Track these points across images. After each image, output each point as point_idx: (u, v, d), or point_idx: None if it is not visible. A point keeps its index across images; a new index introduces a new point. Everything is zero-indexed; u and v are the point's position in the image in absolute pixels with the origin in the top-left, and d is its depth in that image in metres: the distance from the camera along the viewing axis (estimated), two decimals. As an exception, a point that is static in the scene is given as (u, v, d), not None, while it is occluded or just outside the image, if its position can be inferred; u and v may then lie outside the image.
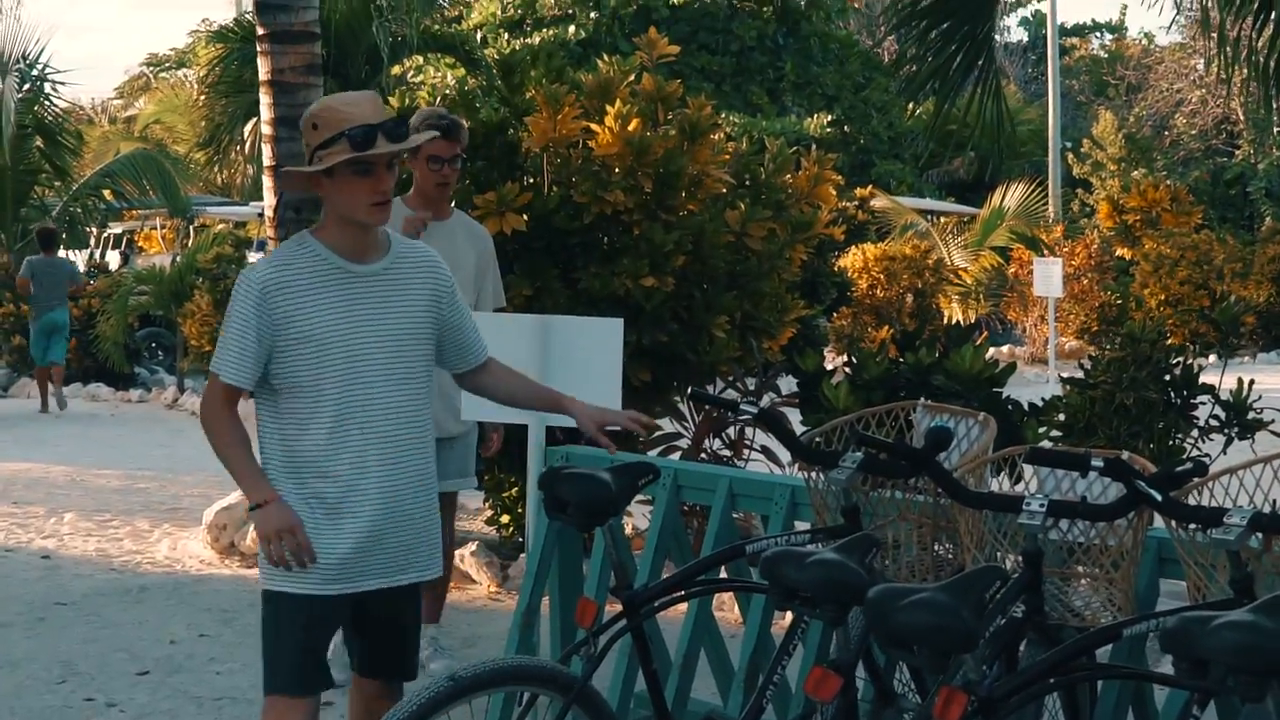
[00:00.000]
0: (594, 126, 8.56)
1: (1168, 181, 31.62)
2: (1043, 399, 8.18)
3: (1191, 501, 4.04)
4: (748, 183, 9.39)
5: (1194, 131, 40.92)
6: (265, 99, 9.97)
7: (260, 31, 10.10)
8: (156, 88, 42.59)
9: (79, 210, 26.41)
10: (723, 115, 28.16)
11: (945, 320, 24.00)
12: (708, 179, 8.75)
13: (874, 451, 4.56)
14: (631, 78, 9.10)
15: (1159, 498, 3.94)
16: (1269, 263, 26.99)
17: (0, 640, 8.03)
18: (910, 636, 3.41)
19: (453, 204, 7.44)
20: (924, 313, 23.27)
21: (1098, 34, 56.38)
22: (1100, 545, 4.31)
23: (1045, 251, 24.92)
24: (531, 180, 8.79)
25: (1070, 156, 38.43)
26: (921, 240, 25.52)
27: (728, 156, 9.11)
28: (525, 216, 8.45)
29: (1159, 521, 4.29)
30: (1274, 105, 7.23)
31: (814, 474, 4.86)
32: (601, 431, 4.72)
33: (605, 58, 9.45)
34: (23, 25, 25.86)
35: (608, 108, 8.56)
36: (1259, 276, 26.60)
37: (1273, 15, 6.28)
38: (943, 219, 30.03)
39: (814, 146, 11.14)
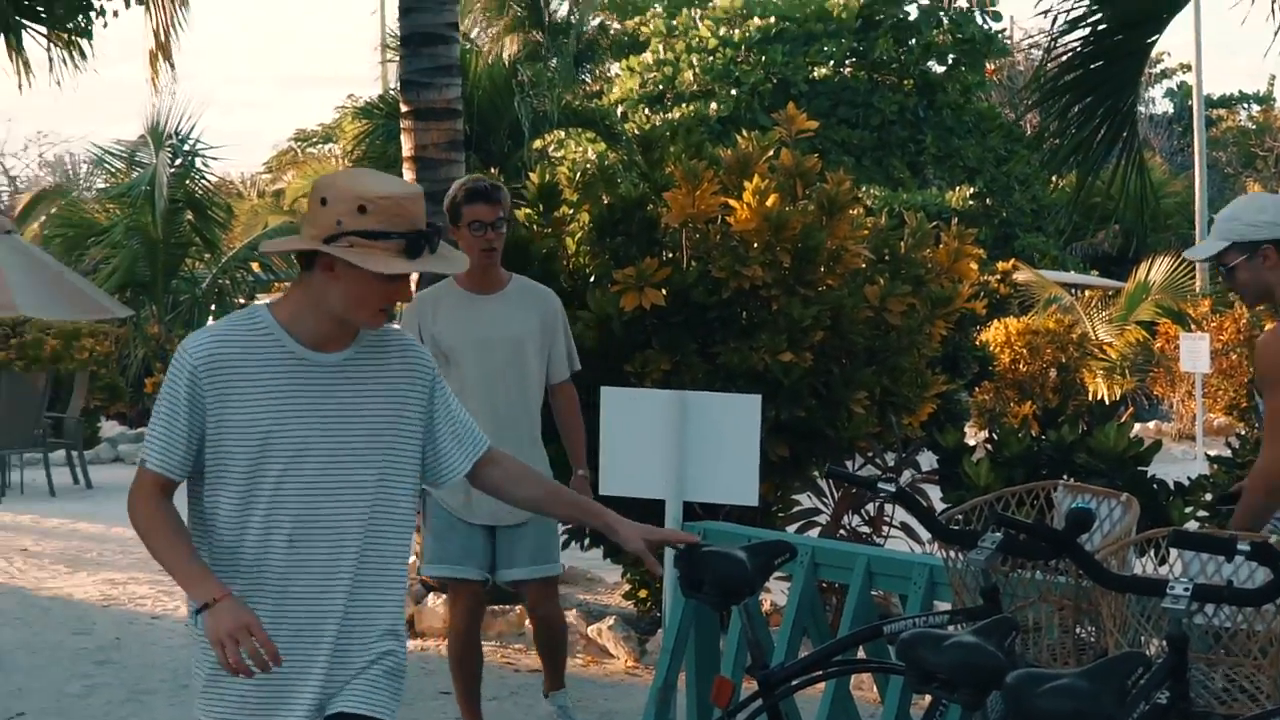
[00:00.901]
0: (732, 202, 8.59)
1: (1318, 255, 30.98)
2: (1189, 478, 8.03)
3: (1342, 587, 3.94)
4: (887, 257, 9.35)
5: (1345, 204, 40.07)
6: (409, 174, 10.14)
7: (404, 108, 10.27)
8: (304, 162, 43.34)
9: (228, 282, 26.95)
10: (863, 189, 28.16)
11: (1089, 396, 23.69)
12: (846, 254, 8.74)
13: (1014, 532, 4.50)
14: (770, 153, 9.12)
15: (1310, 583, 3.84)
16: None
17: (144, 708, 8.15)
18: (1050, 724, 3.35)
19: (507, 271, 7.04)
20: (1068, 388, 22.99)
21: (1245, 105, 55.66)
22: (1248, 630, 4.22)
23: (1192, 326, 24.53)
24: (670, 255, 8.82)
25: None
26: (1065, 314, 25.25)
27: (866, 231, 9.09)
28: (664, 291, 8.48)
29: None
30: None
31: (953, 554, 4.81)
32: (650, 550, 4.07)
33: (744, 133, 9.47)
34: (176, 101, 26.50)
35: (746, 183, 8.58)
36: None
37: None
38: (1087, 293, 29.70)
39: (955, 220, 11.08)
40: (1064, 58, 7.12)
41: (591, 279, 9.01)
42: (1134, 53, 7.15)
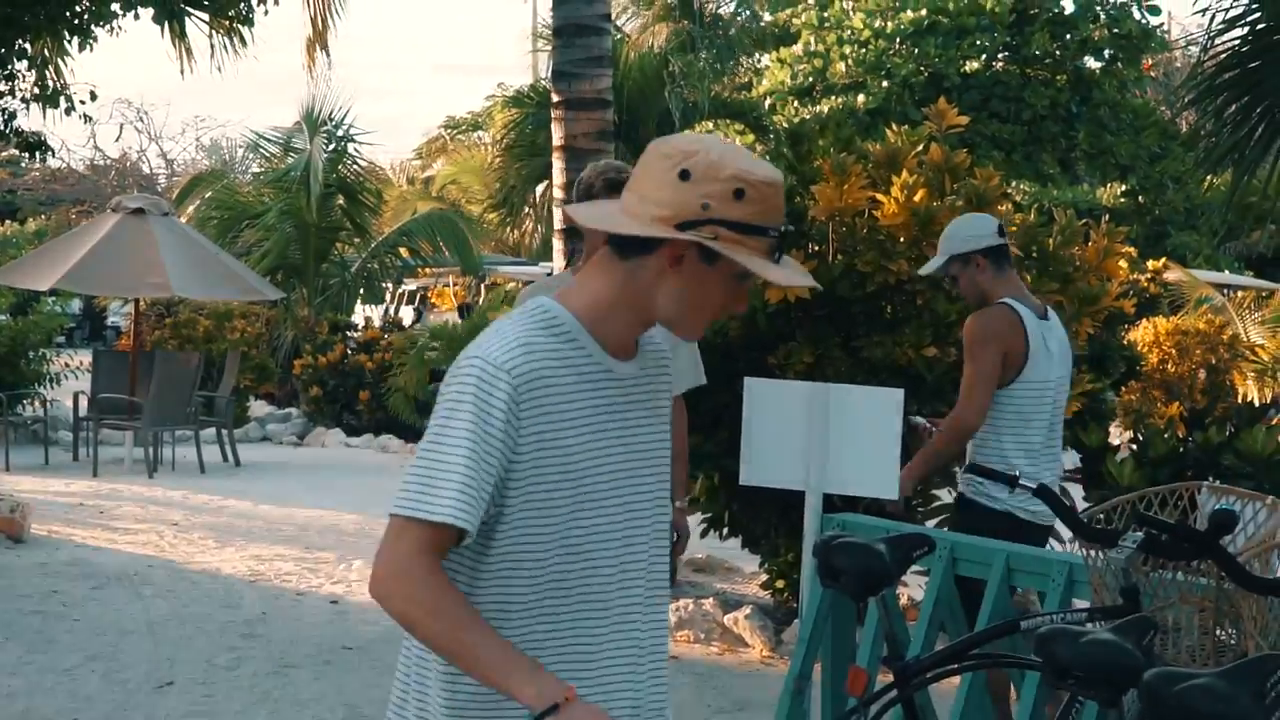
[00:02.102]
0: (880, 196, 8.59)
1: None
2: (1341, 484, 7.92)
3: None
4: (1035, 254, 9.30)
5: None
6: (558, 163, 10.24)
7: (555, 98, 10.38)
8: (453, 149, 43.78)
9: (376, 267, 27.31)
10: (1013, 184, 27.88)
11: (1239, 398, 23.29)
12: (994, 249, 8.68)
13: (1155, 532, 4.49)
14: (919, 148, 9.10)
15: None
16: None
17: (289, 681, 8.33)
18: (1186, 722, 3.34)
19: None
20: (1217, 390, 22.61)
21: None
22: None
23: (1348, 329, 24.05)
24: (816, 248, 8.84)
25: (1377, 232, 37.01)
26: (1216, 315, 24.83)
27: (1014, 228, 9.04)
28: (809, 284, 8.50)
29: None
30: None
31: (1093, 552, 4.80)
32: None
33: (894, 126, 9.46)
34: (330, 89, 26.95)
35: (894, 178, 8.58)
36: None
37: None
38: (1239, 293, 29.19)
39: (1106, 217, 10.98)
40: (1221, 56, 7.03)
41: (737, 270, 9.04)
42: (1292, 51, 7.07)
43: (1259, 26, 6.95)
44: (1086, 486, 8.72)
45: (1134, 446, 8.65)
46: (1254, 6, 6.86)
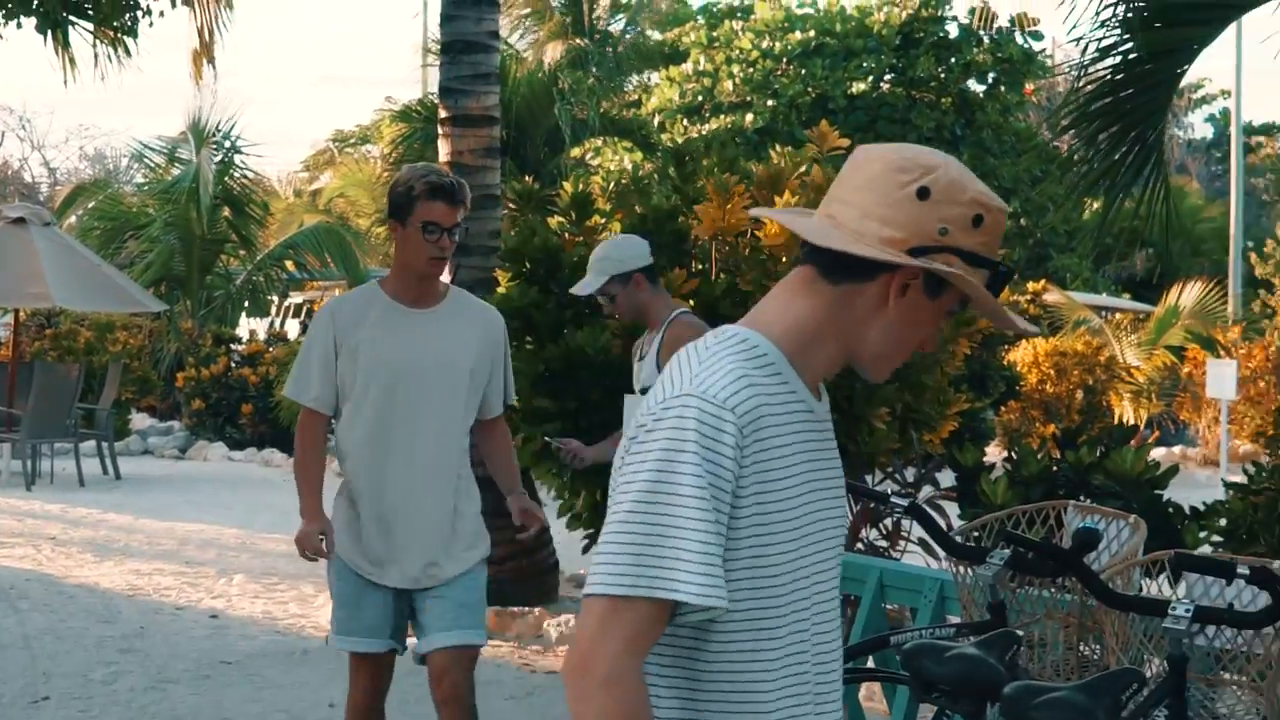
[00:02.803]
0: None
1: (1352, 285, 30.99)
2: (1205, 503, 8.12)
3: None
4: (914, 276, 9.43)
5: (1382, 234, 40.02)
6: (445, 179, 10.24)
7: (442, 115, 10.40)
8: (341, 163, 43.58)
9: (261, 280, 27.13)
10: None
11: (1115, 419, 23.72)
12: (873, 271, 8.82)
13: (1021, 549, 4.61)
14: (803, 169, 9.22)
15: (1307, 607, 3.93)
16: None
17: (166, 696, 8.28)
18: (1044, 734, 3.45)
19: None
20: (1093, 410, 23.02)
21: (1285, 133, 55.51)
22: (1248, 653, 4.31)
23: (1221, 352, 24.55)
24: (699, 267, 8.93)
25: (1253, 256, 37.83)
26: (1094, 336, 25.28)
27: (894, 249, 9.18)
28: (692, 302, 8.59)
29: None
30: None
31: (962, 569, 4.92)
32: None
33: (777, 147, 9.58)
34: (217, 99, 26.75)
35: (776, 198, 8.69)
36: None
37: None
38: (1116, 315, 29.73)
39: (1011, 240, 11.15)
40: (1094, 85, 7.21)
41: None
42: (1164, 82, 7.23)
43: (1130, 56, 7.13)
44: (961, 505, 8.86)
45: (1008, 466, 8.81)
46: (1126, 37, 7.03)
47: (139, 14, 11.05)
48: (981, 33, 32.40)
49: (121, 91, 33.87)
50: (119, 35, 11.28)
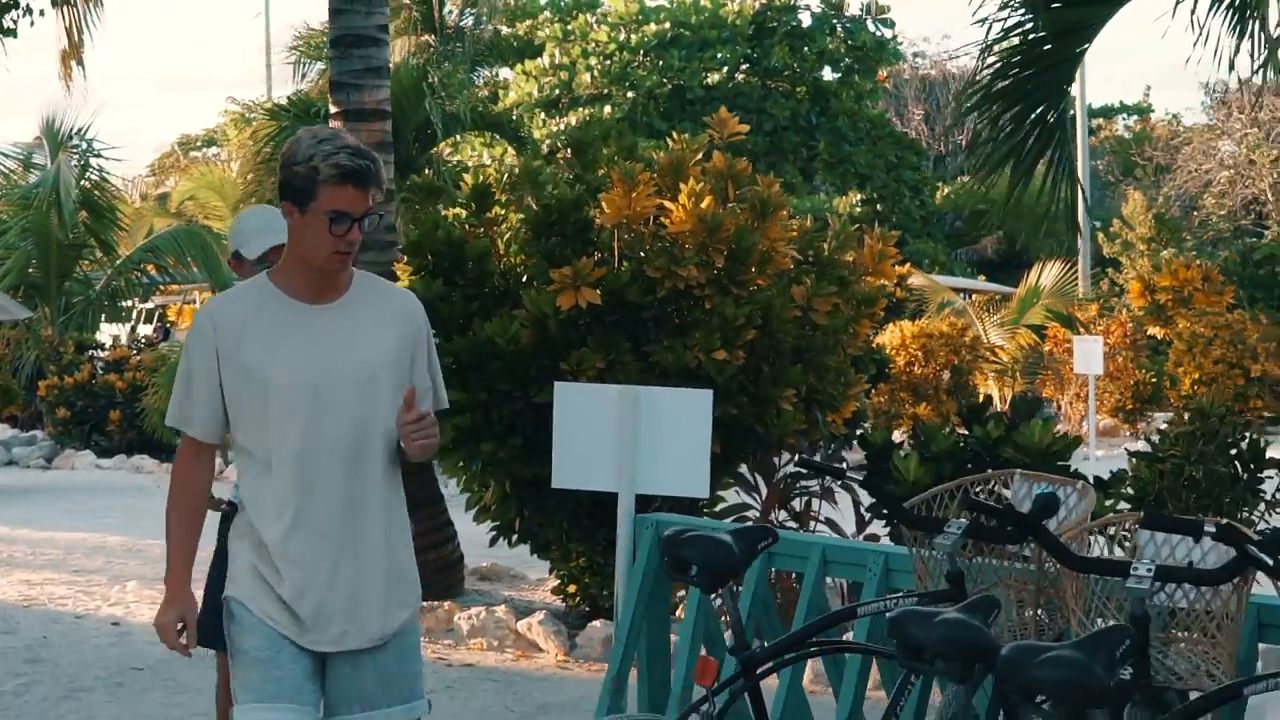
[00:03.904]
0: (667, 204, 8.75)
1: (1198, 261, 31.80)
2: (1111, 472, 8.31)
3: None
4: (811, 259, 9.56)
5: (1223, 212, 41.12)
6: (338, 175, 10.17)
7: (334, 109, 10.32)
8: (186, 165, 43.06)
9: (122, 284, 26.68)
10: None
11: (980, 398, 24.12)
12: (777, 255, 8.93)
13: (980, 517, 4.70)
14: (699, 155, 9.30)
15: (1270, 562, 4.07)
16: (1302, 342, 27.08)
17: (83, 704, 8.16)
18: (1046, 691, 3.54)
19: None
20: (960, 390, 23.39)
21: (1123, 115, 56.74)
22: (1204, 610, 4.44)
23: (1081, 329, 25.07)
24: (603, 255, 8.97)
25: (1100, 236, 38.65)
26: (958, 318, 25.69)
27: (794, 234, 9.30)
28: (598, 291, 8.63)
29: (1257, 589, 4.43)
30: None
31: (916, 539, 5.00)
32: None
33: (674, 134, 9.64)
34: (71, 102, 26.26)
35: (681, 185, 8.75)
36: (1293, 355, 26.68)
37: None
38: (974, 297, 30.24)
39: (867, 225, 11.33)
40: (998, 65, 7.36)
41: (525, 279, 9.14)
42: (1065, 60, 7.40)
43: (1030, 36, 7.28)
44: (870, 493, 8.97)
45: (912, 443, 8.95)
46: (1028, 17, 7.18)
47: (18, 14, 10.84)
48: (835, 21, 32.77)
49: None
50: (-1, 34, 11.06)
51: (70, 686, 8.54)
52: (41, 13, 11.26)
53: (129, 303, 28.60)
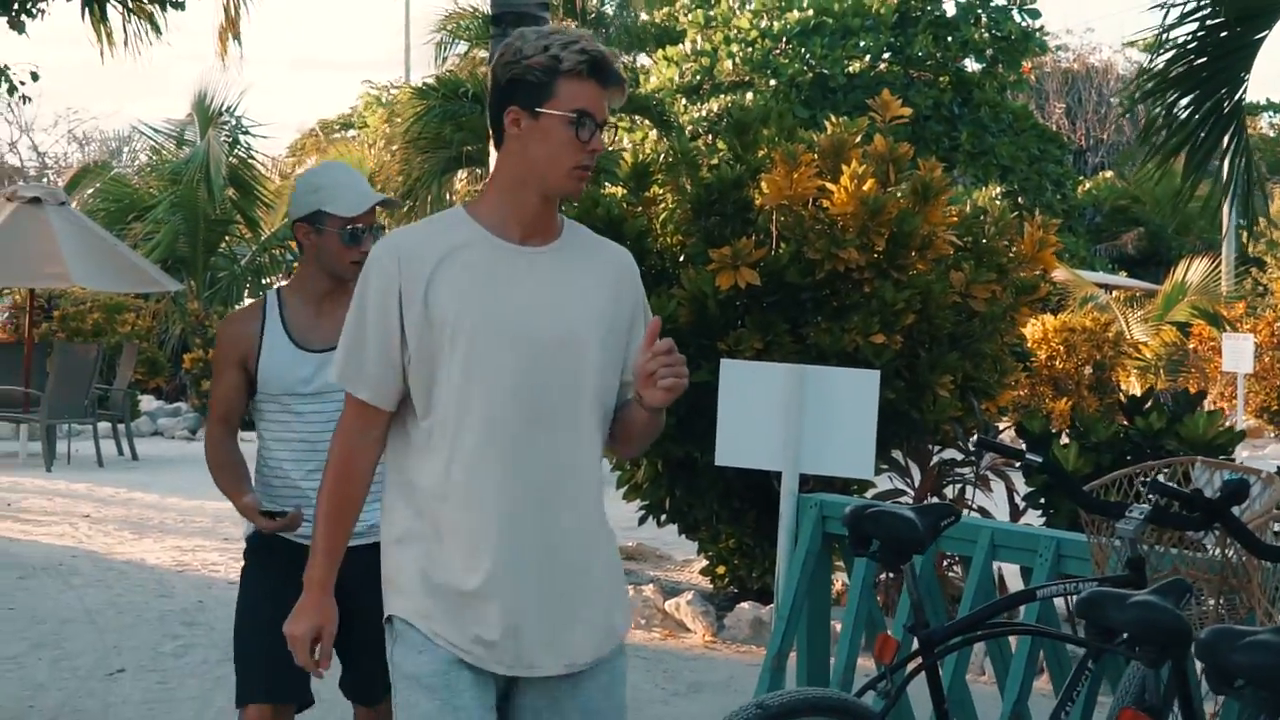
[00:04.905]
0: (829, 185, 8.72)
1: (1348, 260, 31.17)
2: (1278, 466, 8.17)
3: None
4: (970, 245, 9.49)
5: (1372, 211, 40.24)
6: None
7: (493, 87, 10.39)
8: (325, 147, 43.53)
9: (266, 260, 27.07)
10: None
11: (1124, 394, 23.81)
12: (938, 239, 8.88)
13: (1164, 501, 4.63)
14: (860, 138, 9.26)
15: None
16: None
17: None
18: (1246, 675, 3.48)
19: None
20: (1103, 386, 23.10)
21: (1269, 113, 55.70)
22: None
23: (1226, 327, 24.66)
24: (761, 236, 8.95)
25: (1244, 235, 37.99)
26: (1101, 313, 25.37)
27: (955, 219, 9.23)
28: (757, 271, 8.62)
29: None
30: None
31: (1095, 524, 4.94)
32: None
33: (833, 117, 9.61)
34: (223, 77, 26.68)
35: (844, 167, 8.71)
36: None
37: None
38: (1115, 293, 29.85)
39: (1020, 212, 11.22)
40: (1173, 51, 7.25)
41: (682, 258, 9.15)
42: (1244, 47, 7.28)
43: (1209, 22, 7.16)
44: (1026, 473, 8.89)
45: (1070, 434, 8.84)
46: (1207, 2, 7.07)
47: (183, -12, 11.02)
48: (979, 10, 32.45)
49: (106, 75, 33.76)
50: (163, 8, 11.23)
51: (227, 650, 8.61)
52: (206, -12, 11.48)
53: (272, 279, 28.98)
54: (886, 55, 32.59)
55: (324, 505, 3.56)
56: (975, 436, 5.84)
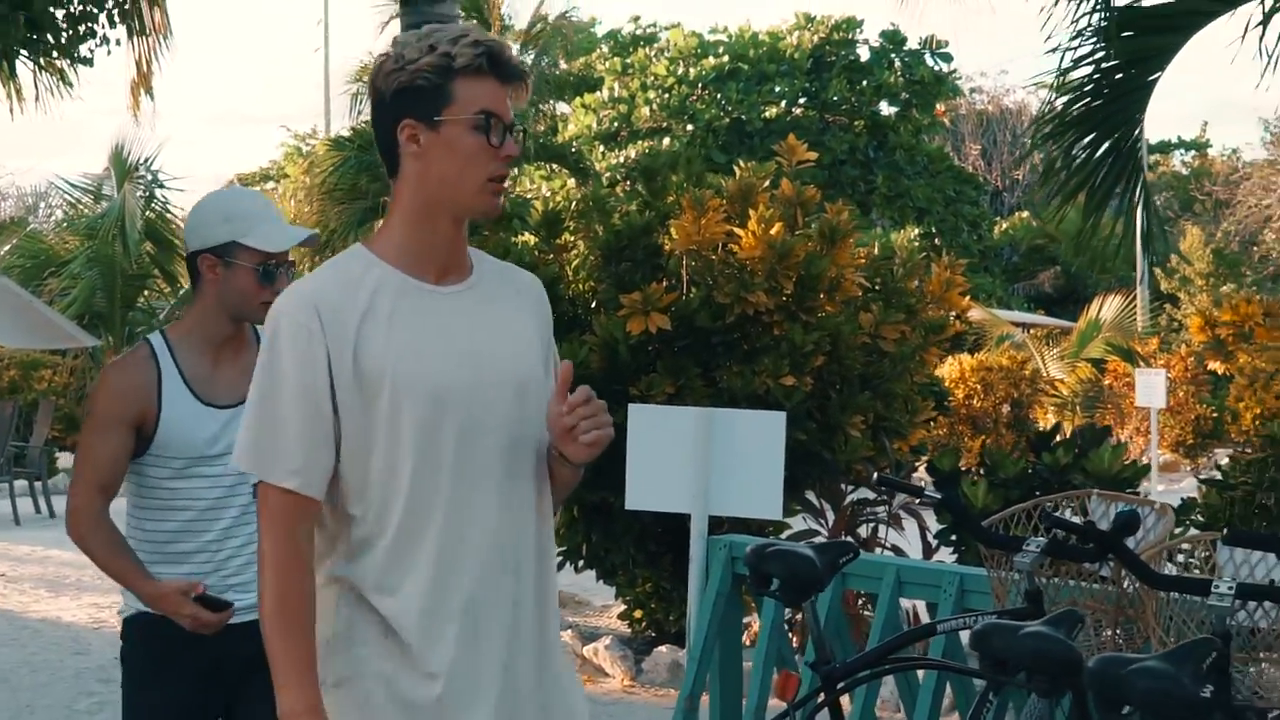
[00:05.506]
0: (737, 230, 8.82)
1: (1259, 296, 31.62)
2: (1182, 499, 8.31)
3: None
4: (879, 286, 9.61)
5: (1283, 247, 40.96)
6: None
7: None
8: (248, 198, 43.43)
9: (183, 315, 26.89)
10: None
11: (1043, 429, 24.05)
12: (846, 281, 8.98)
13: (1059, 534, 4.72)
14: (767, 183, 9.36)
15: (1355, 579, 4.08)
16: (1366, 378, 26.87)
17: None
18: (1133, 702, 3.56)
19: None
20: (1020, 423, 23.31)
21: (1180, 150, 56.56)
22: (1286, 628, 4.45)
23: (1141, 363, 24.98)
24: (672, 281, 9.03)
25: (1157, 272, 38.51)
26: (1018, 351, 25.64)
27: (863, 261, 9.35)
28: (668, 316, 8.69)
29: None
30: None
31: (994, 558, 5.02)
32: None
33: (741, 162, 9.72)
34: (139, 131, 26.56)
35: (750, 211, 8.81)
36: (1356, 392, 26.49)
37: None
38: (1031, 331, 30.18)
39: (932, 254, 11.37)
40: (1070, 94, 7.40)
41: (594, 304, 9.21)
42: (1137, 89, 7.44)
43: (1104, 65, 7.32)
44: (938, 510, 8.99)
45: (981, 471, 8.95)
46: (1101, 45, 7.22)
47: (96, 43, 11.01)
48: (893, 55, 32.85)
49: (20, 131, 33.60)
50: (73, 64, 11.22)
51: (143, 705, 8.61)
52: (118, 42, 11.44)
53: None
54: (802, 100, 32.94)
55: (280, 624, 2.92)
56: (875, 475, 5.92)
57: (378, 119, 3.01)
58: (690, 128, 31.06)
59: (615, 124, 31.62)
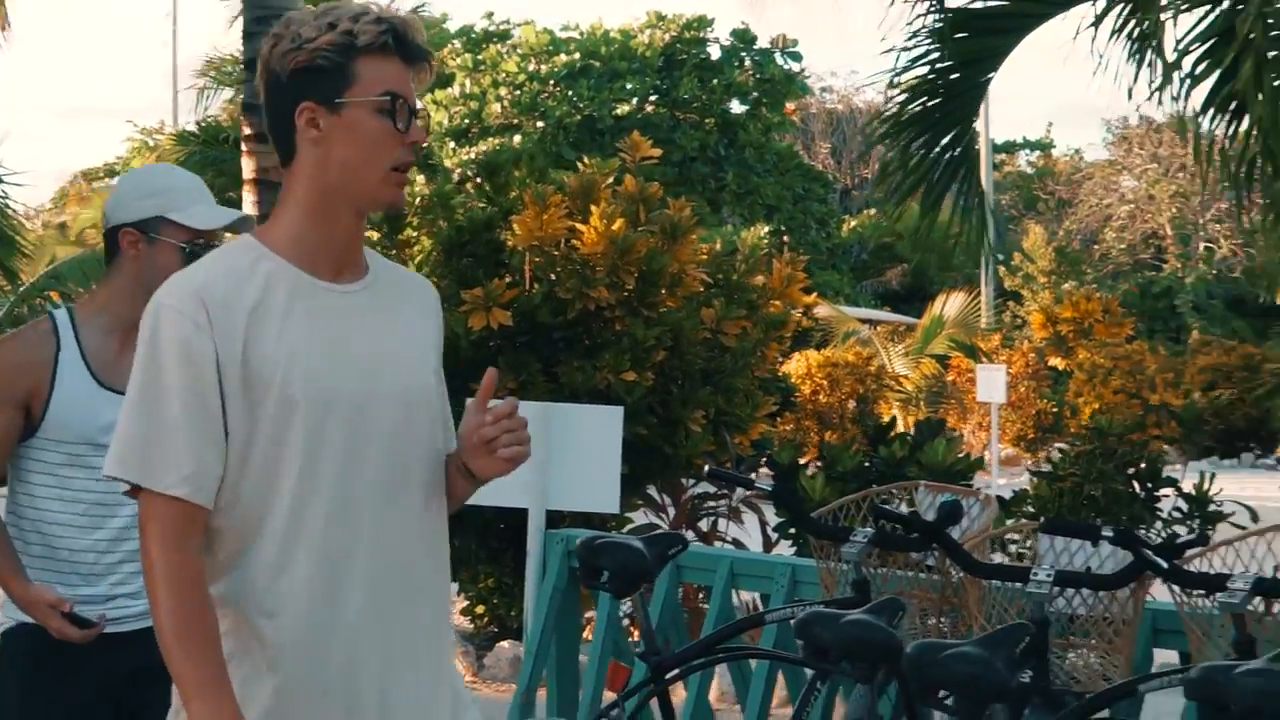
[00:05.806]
0: (579, 226, 8.86)
1: (1099, 294, 32.31)
2: (1014, 490, 8.49)
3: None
4: (721, 282, 9.70)
5: (1122, 246, 41.82)
6: (249, 196, 10.18)
7: (246, 131, 10.34)
8: (88, 196, 42.80)
9: (25, 311, 26.39)
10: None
11: (878, 425, 24.38)
12: (687, 277, 9.06)
13: (885, 525, 4.82)
14: (610, 179, 9.42)
15: (1165, 565, 4.20)
16: (1199, 373, 27.59)
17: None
18: (948, 686, 3.64)
19: None
20: (865, 419, 23.62)
21: (1025, 150, 57.51)
22: (1102, 615, 4.57)
23: (984, 359, 25.42)
24: (514, 277, 9.05)
25: (1001, 269, 39.17)
26: (864, 348, 25.95)
27: (705, 256, 9.43)
28: (510, 312, 8.71)
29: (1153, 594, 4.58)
30: (1244, 207, 7.65)
31: (822, 549, 5.11)
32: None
33: (585, 159, 9.76)
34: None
35: (592, 208, 8.86)
36: (1189, 386, 27.18)
37: (1245, 119, 6.67)
38: (878, 327, 30.57)
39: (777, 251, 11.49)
40: (904, 95, 7.52)
41: (436, 300, 9.20)
42: (971, 89, 7.58)
43: (938, 66, 7.45)
44: (777, 503, 9.10)
45: (819, 464, 9.09)
46: (935, 46, 7.35)
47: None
48: (743, 54, 33.10)
49: None
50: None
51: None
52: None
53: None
54: (653, 98, 33.08)
55: (184, 644, 2.67)
56: (707, 469, 5.98)
57: (271, 103, 2.82)
58: (541, 124, 31.08)
59: (466, 120, 31.55)
